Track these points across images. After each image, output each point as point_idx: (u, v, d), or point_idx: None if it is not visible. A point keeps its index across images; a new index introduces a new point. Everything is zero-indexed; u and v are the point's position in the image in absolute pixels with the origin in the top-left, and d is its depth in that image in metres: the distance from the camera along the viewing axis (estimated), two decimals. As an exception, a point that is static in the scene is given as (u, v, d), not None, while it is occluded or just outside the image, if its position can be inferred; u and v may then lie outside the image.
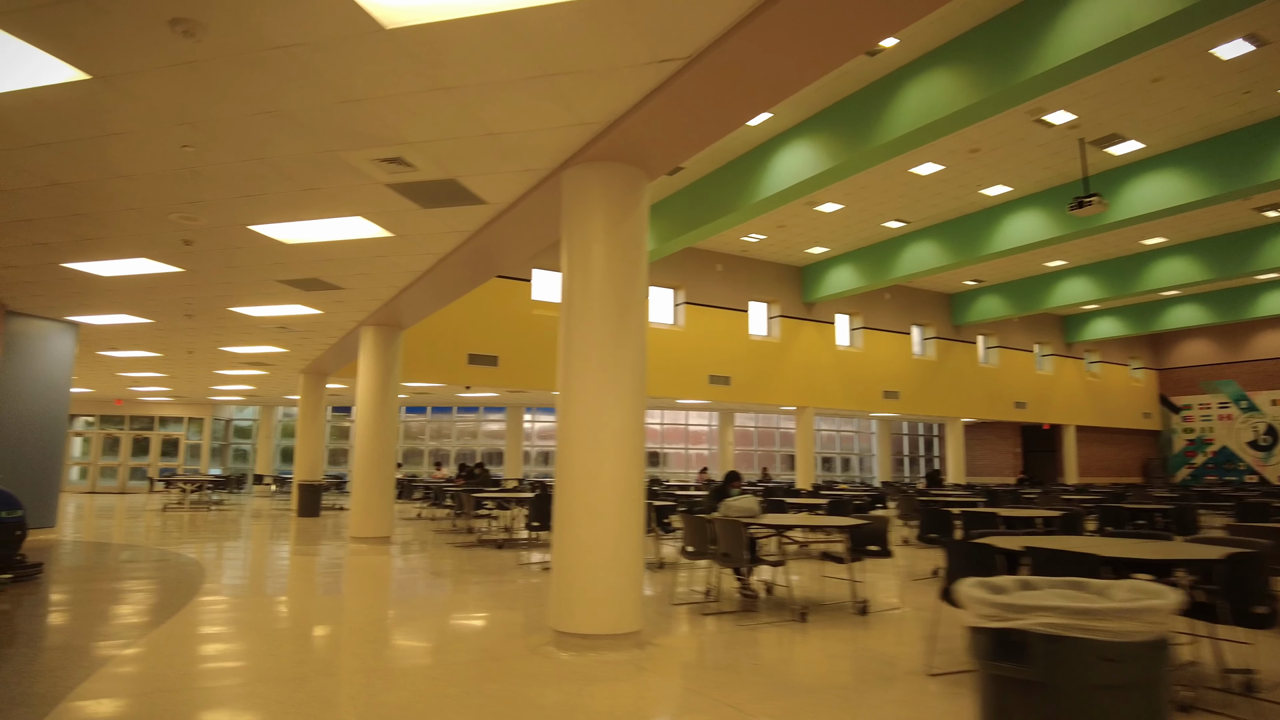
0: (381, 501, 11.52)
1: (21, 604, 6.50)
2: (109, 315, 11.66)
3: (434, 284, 9.51)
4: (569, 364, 5.55)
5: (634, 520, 5.33)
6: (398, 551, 10.65)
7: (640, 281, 5.66)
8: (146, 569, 8.62)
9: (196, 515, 16.38)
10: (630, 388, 5.49)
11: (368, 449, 11.61)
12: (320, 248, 8.04)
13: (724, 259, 22.99)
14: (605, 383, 5.41)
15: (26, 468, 11.53)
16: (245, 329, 12.57)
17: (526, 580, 8.20)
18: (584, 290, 5.54)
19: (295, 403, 26.43)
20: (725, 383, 22.32)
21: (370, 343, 11.84)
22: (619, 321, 5.50)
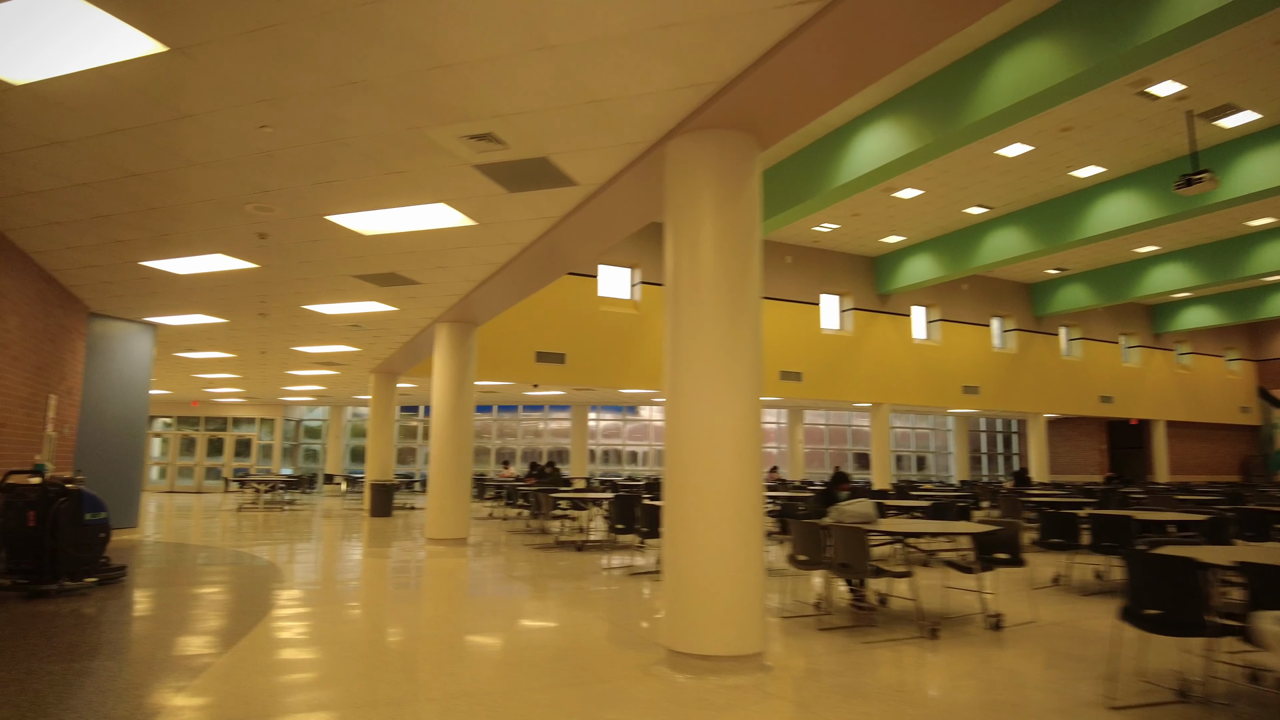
0: (458, 502, 11.18)
1: (106, 610, 6.26)
2: (185, 316, 11.58)
3: (512, 277, 9.09)
4: (678, 357, 5.02)
5: (754, 528, 4.77)
6: (475, 554, 10.29)
7: (754, 263, 5.09)
8: (225, 573, 8.39)
9: (270, 515, 16.38)
10: (747, 381, 4.94)
11: (444, 449, 11.29)
12: (398, 239, 7.67)
13: (794, 250, 22.23)
14: (719, 376, 4.86)
15: (109, 468, 11.52)
16: (318, 328, 12.38)
17: (615, 586, 7.71)
18: (692, 274, 5.00)
19: (365, 402, 26.56)
20: (797, 379, 21.58)
21: (445, 340, 11.52)
22: (733, 308, 4.95)
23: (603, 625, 5.98)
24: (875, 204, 18.68)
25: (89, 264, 8.69)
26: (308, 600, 6.86)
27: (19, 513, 6.86)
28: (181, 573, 8.37)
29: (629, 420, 26.94)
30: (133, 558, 9.45)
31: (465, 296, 10.11)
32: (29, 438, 8.89)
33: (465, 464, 11.35)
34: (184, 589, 7.34)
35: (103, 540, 7.41)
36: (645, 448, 26.68)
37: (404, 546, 11.15)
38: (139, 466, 12.22)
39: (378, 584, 7.96)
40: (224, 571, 8.50)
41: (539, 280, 9.48)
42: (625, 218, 6.95)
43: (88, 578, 7.16)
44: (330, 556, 10.11)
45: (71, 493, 7.15)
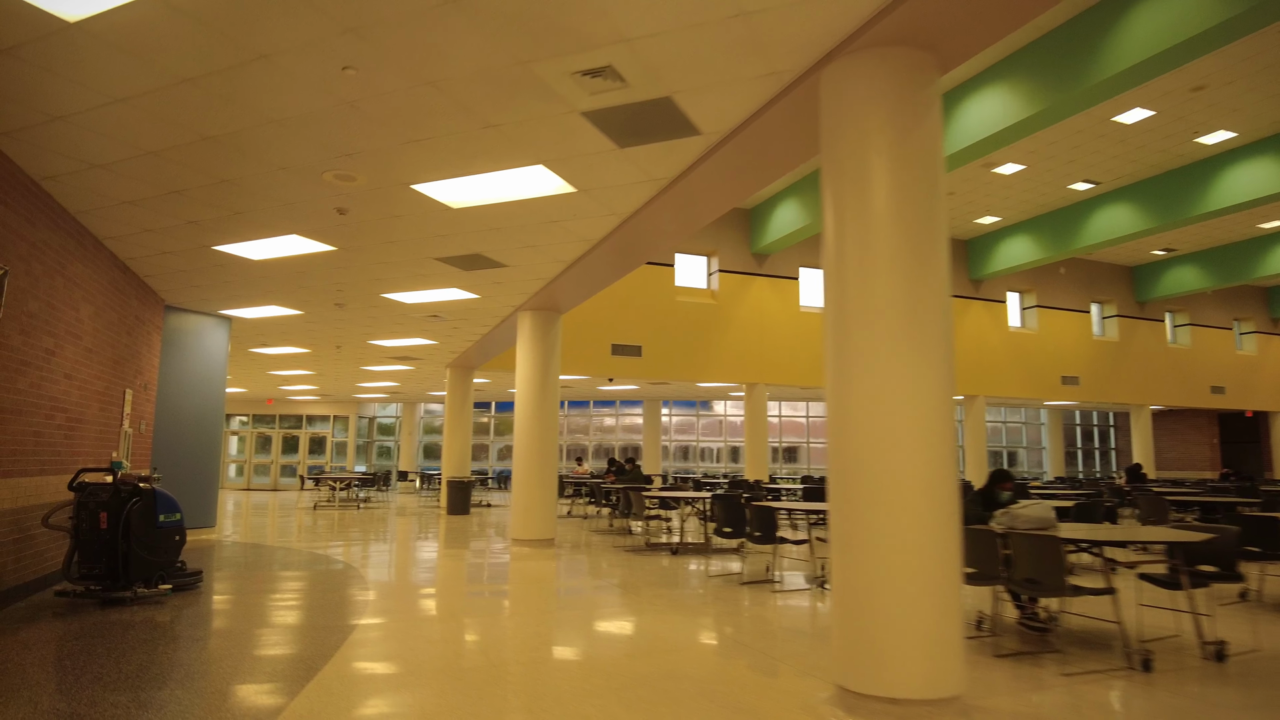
0: (543, 501, 10.45)
1: (179, 622, 5.66)
2: (260, 308, 11.12)
3: (605, 257, 8.28)
4: (843, 335, 4.10)
5: (951, 542, 3.83)
6: (564, 557, 9.53)
7: (940, 212, 4.13)
8: (304, 579, 7.78)
9: (346, 513, 15.99)
10: (937, 361, 4.00)
11: (528, 445, 10.56)
12: (487, 213, 6.92)
13: (879, 235, 20.97)
14: (902, 357, 3.93)
15: (185, 467, 11.15)
16: (395, 319, 11.80)
17: (731, 598, 6.82)
18: (861, 230, 4.07)
19: (437, 399, 26.23)
20: (884, 370, 20.31)
21: (529, 329, 10.79)
22: (917, 270, 4.00)
23: (738, 649, 5.10)
24: (972, 181, 17.37)
25: (163, 249, 8.19)
26: (394, 612, 6.16)
27: (91, 514, 6.32)
28: (259, 578, 7.79)
29: (702, 416, 26.01)
30: (210, 561, 8.95)
31: (551, 281, 9.35)
32: (105, 434, 8.46)
33: (550, 461, 10.61)
34: (262, 597, 6.72)
35: (178, 543, 6.86)
36: (719, 444, 25.72)
37: (487, 548, 10.47)
38: (216, 465, 11.84)
39: (468, 593, 7.24)
40: (303, 577, 7.90)
41: (631, 261, 8.66)
42: (744, 179, 6.04)
43: (162, 584, 6.60)
44: (412, 559, 9.47)
45: (145, 493, 6.60)
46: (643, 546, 10.58)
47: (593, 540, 11.42)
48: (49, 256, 6.67)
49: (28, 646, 4.89)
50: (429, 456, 28.07)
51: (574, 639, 5.34)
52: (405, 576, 8.05)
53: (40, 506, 6.63)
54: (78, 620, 5.69)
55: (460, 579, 7.96)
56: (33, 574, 6.70)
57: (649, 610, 6.31)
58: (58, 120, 5.12)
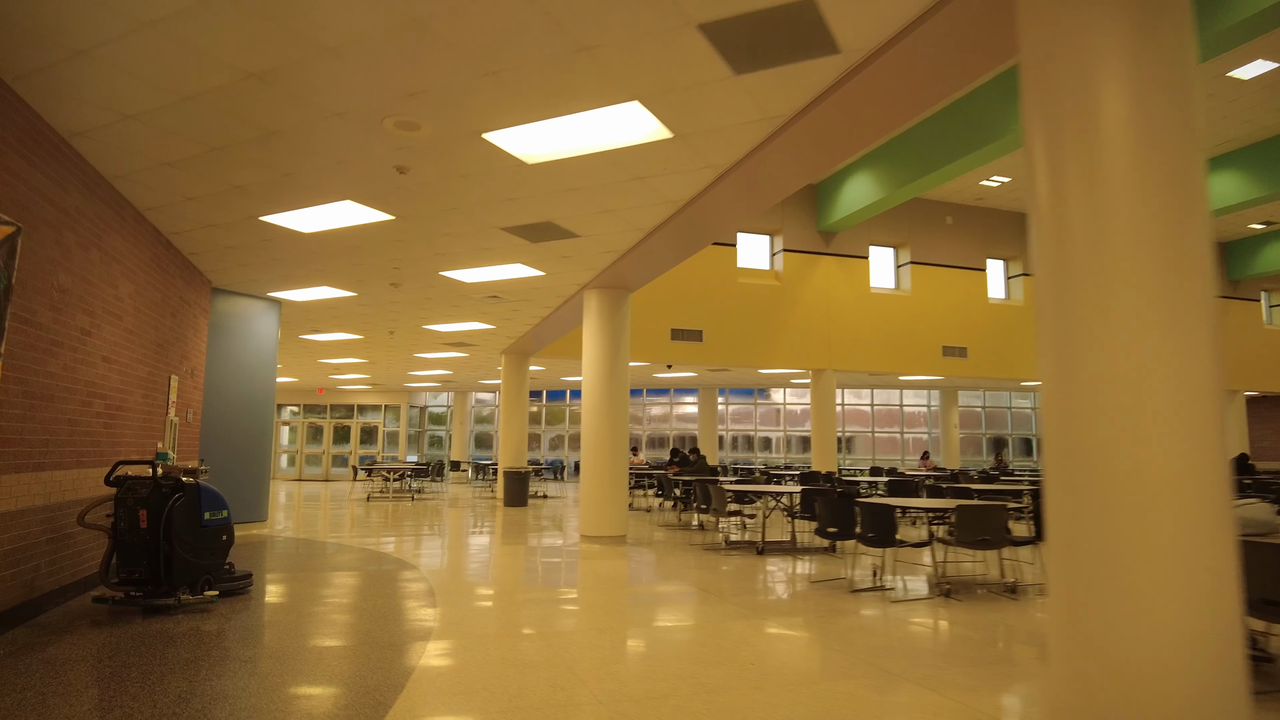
0: (614, 496, 9.61)
1: (227, 633, 4.92)
2: (311, 289, 10.44)
3: (689, 224, 7.36)
4: (1069, 297, 3.13)
5: (1227, 564, 2.84)
6: (639, 556, 8.67)
7: (1196, 136, 3.11)
8: (363, 580, 7.04)
9: (399, 505, 15.38)
10: (1201, 329, 3.00)
11: (597, 435, 9.73)
12: (566, 169, 6.05)
13: (954, 210, 19.71)
14: (1159, 325, 2.94)
15: (235, 458, 10.55)
16: (453, 300, 11.04)
17: (850, 611, 5.88)
18: (1089, 161, 3.08)
19: (489, 388, 25.63)
20: (961, 355, 19.12)
21: (596, 309, 9.94)
22: (1175, 210, 3.00)
23: (892, 680, 4.17)
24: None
25: (207, 222, 7.49)
26: (466, 625, 5.35)
27: (130, 511, 5.63)
28: (313, 581, 7.07)
29: (760, 404, 24.98)
30: (260, 559, 8.28)
31: (623, 255, 8.47)
32: (149, 423, 7.82)
33: (620, 452, 9.76)
34: (317, 605, 5.97)
35: (225, 543, 6.14)
36: (778, 433, 24.68)
37: (554, 545, 9.67)
38: (267, 456, 11.24)
39: (545, 601, 6.41)
40: (360, 578, 7.16)
41: (709, 234, 7.73)
42: (879, 114, 5.07)
43: (208, 590, 5.89)
44: (475, 557, 8.70)
45: (188, 488, 5.89)
46: (721, 545, 9.68)
47: (664, 537, 10.55)
48: (83, 227, 5.97)
49: (55, 668, 4.17)
50: (481, 446, 27.53)
51: (685, 665, 4.45)
52: (471, 579, 7.26)
53: (78, 503, 5.97)
54: (115, 632, 4.98)
55: (533, 583, 7.14)
56: (70, 577, 6.04)
57: (760, 624, 5.41)
58: (79, 56, 4.35)
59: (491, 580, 7.20)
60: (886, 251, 19.60)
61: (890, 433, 24.44)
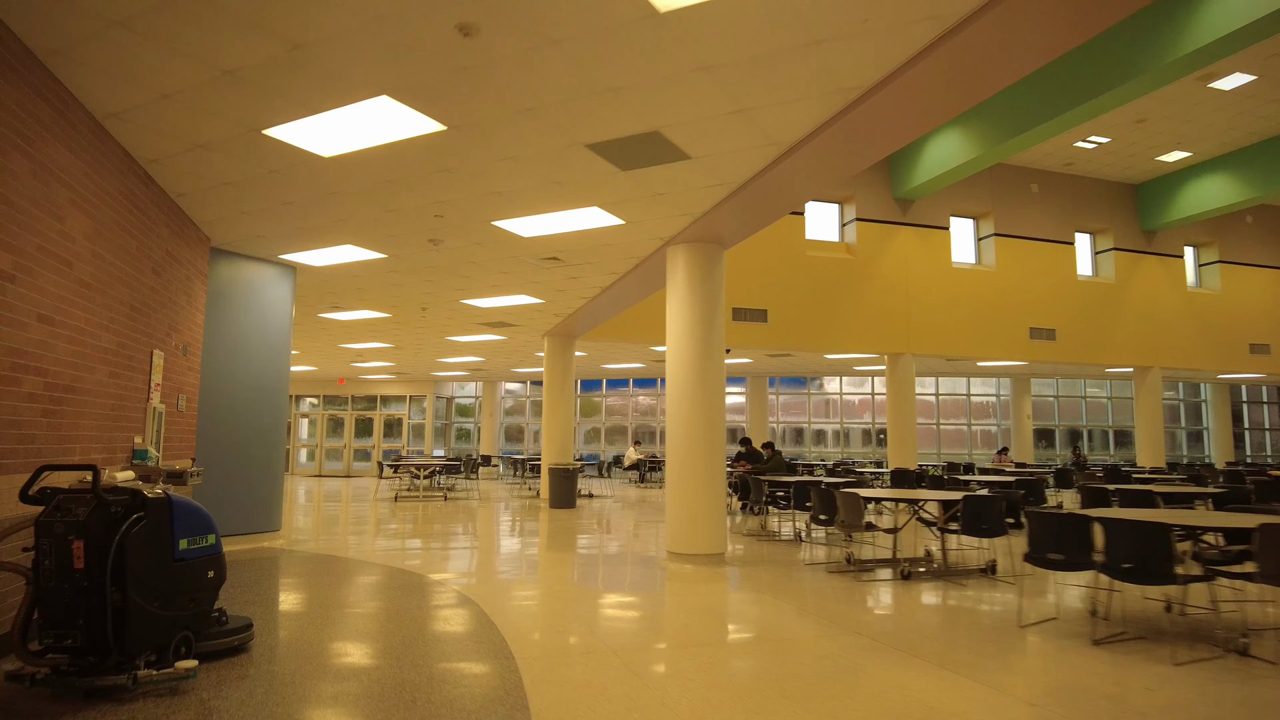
0: (710, 505, 7.56)
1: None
2: (333, 249, 8.44)
3: (853, 133, 5.29)
4: None
5: None
6: (756, 585, 6.63)
7: None
8: (410, 630, 5.02)
9: (431, 506, 13.40)
10: None
11: (689, 425, 7.68)
12: (704, 24, 3.99)
13: (1040, 177, 17.51)
14: None
15: (241, 456, 8.59)
16: (502, 263, 9.01)
17: (1110, 682, 3.81)
18: None
19: (520, 377, 23.63)
20: (1049, 337, 16.95)
21: (685, 270, 7.88)
22: None
23: None
24: (1177, 102, 13.81)
25: (195, 140, 5.49)
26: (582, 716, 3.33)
27: (58, 543, 3.62)
28: (340, 627, 5.06)
29: (813, 395, 22.83)
30: (268, 591, 6.28)
31: (738, 189, 6.41)
32: (120, 411, 5.84)
33: (717, 449, 7.70)
34: (350, 679, 3.96)
35: (211, 583, 4.15)
36: (834, 426, 22.54)
37: (639, 565, 7.65)
38: (279, 453, 9.26)
39: (686, 671, 4.37)
40: (406, 624, 5.15)
41: (877, 147, 5.66)
42: None
43: (183, 661, 3.88)
44: (549, 588, 6.68)
45: (154, 505, 3.88)
46: (844, 564, 7.63)
47: (761, 553, 8.50)
48: (-3, 118, 3.98)
49: None
50: (511, 440, 25.57)
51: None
52: (557, 627, 5.22)
53: (-11, 526, 3.99)
54: (18, 748, 3.00)
55: (652, 635, 5.10)
56: (-18, 635, 4.08)
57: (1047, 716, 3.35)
58: None
59: (588, 628, 5.17)
60: (966, 223, 17.43)
61: (956, 424, 22.25)
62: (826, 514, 7.54)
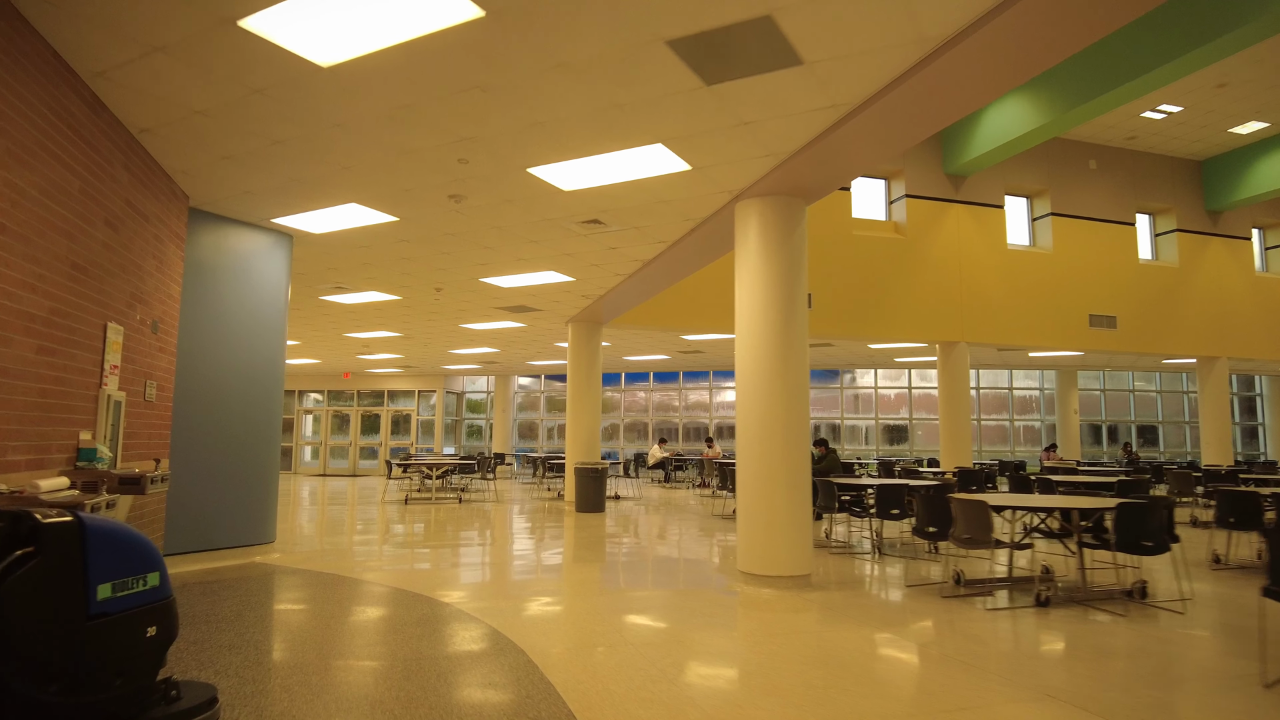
0: (793, 516, 6.15)
1: None
2: (335, 208, 7.05)
3: (1012, 33, 3.90)
4: None
5: None
6: (858, 618, 5.23)
7: None
8: (437, 698, 3.62)
9: (445, 510, 12.02)
10: None
11: (766, 419, 6.27)
12: None
13: (1099, 152, 16.06)
14: None
15: (228, 457, 7.21)
16: (533, 226, 7.63)
17: None
18: None
19: (535, 370, 22.23)
20: (1110, 325, 15.52)
21: (760, 231, 6.46)
22: None
23: None
24: (1264, 64, 12.36)
25: (149, 41, 4.10)
26: None
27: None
28: (340, 695, 3.67)
29: (845, 389, 21.39)
30: (252, 630, 4.88)
31: (852, 113, 5.01)
32: (56, 399, 4.46)
33: (800, 447, 6.28)
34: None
35: (152, 644, 2.76)
36: (867, 421, 21.10)
37: (699, 585, 6.25)
38: (273, 452, 7.87)
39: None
40: (427, 680, 3.75)
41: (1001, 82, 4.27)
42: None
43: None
44: (600, 624, 5.29)
45: (51, 536, 2.49)
46: (953, 585, 6.23)
47: (839, 569, 7.11)
48: None
49: None
50: (525, 437, 24.20)
51: None
52: (624, 688, 3.82)
53: None
54: None
55: (753, 698, 3.70)
56: None
57: None
58: None
59: (681, 694, 3.77)
60: (1019, 202, 16.01)
61: (998, 420, 20.80)
62: (935, 525, 6.13)
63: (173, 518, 6.66)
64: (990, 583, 6.41)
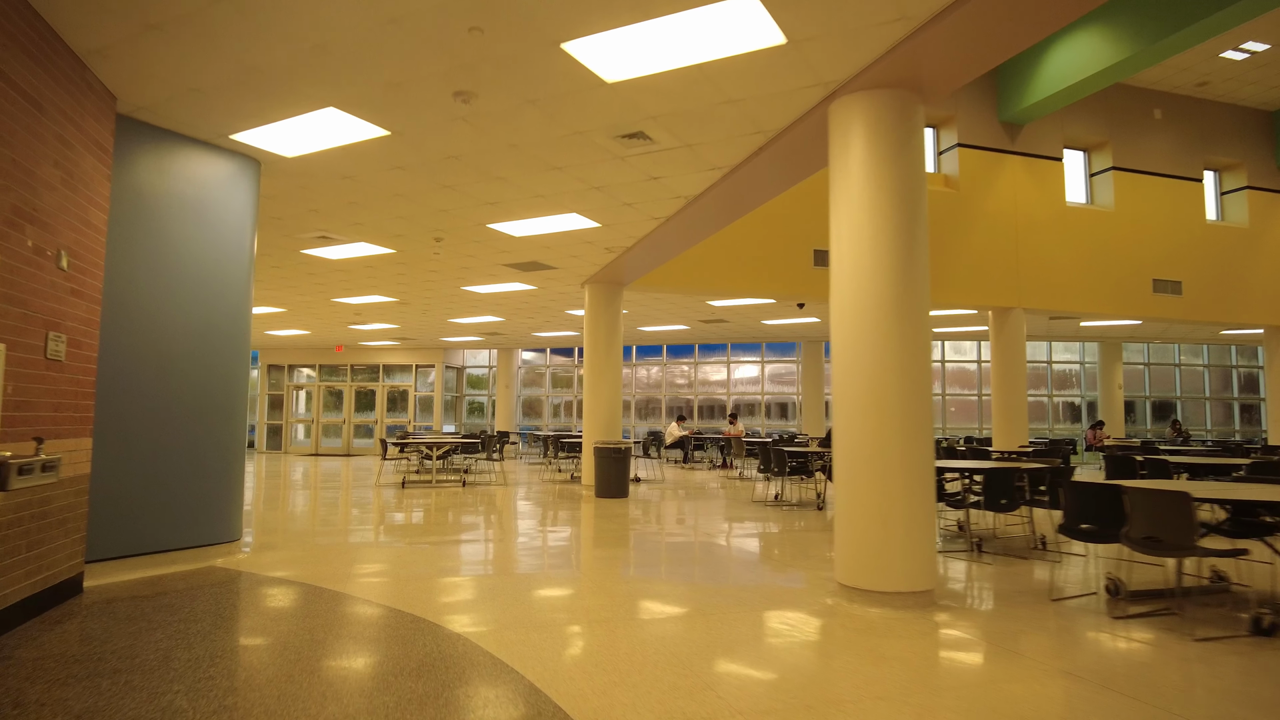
0: (913, 514, 4.60)
1: None
2: (307, 116, 5.44)
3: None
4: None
5: None
6: (1011, 649, 3.73)
7: None
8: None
9: (446, 494, 10.50)
10: None
11: (877, 389, 4.71)
12: None
13: (1165, 100, 14.43)
14: None
15: (177, 435, 5.64)
16: (557, 149, 6.03)
17: None
18: None
19: (540, 343, 20.64)
20: (1174, 291, 13.98)
21: (866, 134, 4.84)
22: None
23: None
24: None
25: None
26: None
27: None
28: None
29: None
30: (167, 693, 3.32)
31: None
32: None
33: (923, 427, 4.72)
34: None
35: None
36: (895, 397, 19.56)
37: (781, 600, 4.75)
38: (237, 430, 6.28)
39: None
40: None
41: None
42: None
43: None
44: (672, 668, 3.78)
45: None
46: (1120, 603, 4.73)
47: (948, 576, 5.61)
48: None
49: None
50: (530, 415, 22.66)
51: None
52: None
53: None
54: None
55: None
56: None
57: None
58: None
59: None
60: (1076, 156, 14.40)
61: (1035, 396, 19.30)
62: (1094, 521, 4.61)
63: (99, 514, 5.11)
64: (1155, 595, 4.91)
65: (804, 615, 4.45)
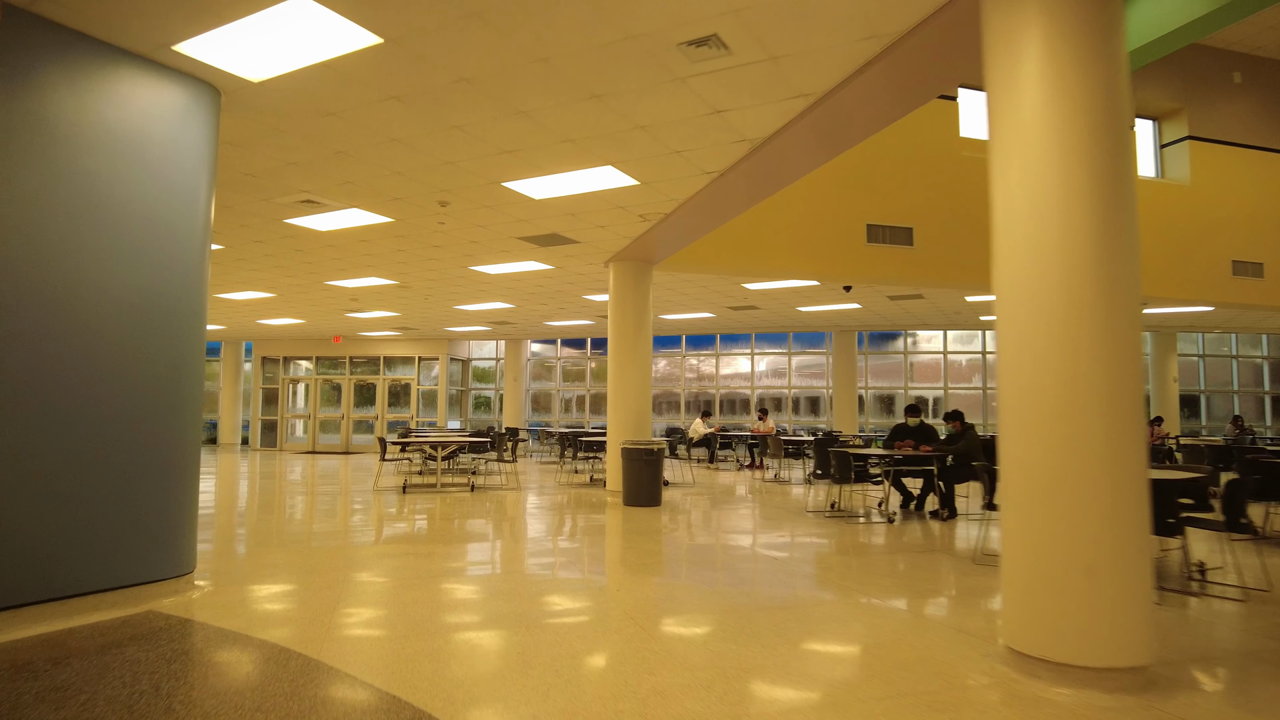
0: (1120, 556, 3.19)
1: None
2: (272, 8, 4.02)
3: None
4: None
5: None
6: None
7: None
8: None
9: (452, 500, 9.11)
10: None
11: (1065, 379, 3.31)
12: None
13: (1245, 62, 12.98)
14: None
15: (105, 437, 4.24)
16: (601, 66, 4.62)
17: None
18: None
19: (551, 333, 19.19)
20: (1256, 274, 12.56)
21: (1046, 35, 3.43)
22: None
23: None
24: None
25: None
26: None
27: None
28: None
29: (910, 355, 18.42)
30: None
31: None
32: None
33: (1134, 431, 3.31)
34: None
35: None
36: (935, 391, 18.15)
37: (920, 671, 3.35)
38: (189, 430, 4.84)
39: None
40: None
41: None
42: None
43: None
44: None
45: None
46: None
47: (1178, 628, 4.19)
48: None
49: None
50: (539, 409, 21.25)
51: None
52: None
53: None
54: None
55: None
56: None
57: None
58: None
59: None
60: (1145, 125, 12.96)
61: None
62: None
63: (-15, 549, 3.72)
64: None
65: (978, 697, 3.04)
